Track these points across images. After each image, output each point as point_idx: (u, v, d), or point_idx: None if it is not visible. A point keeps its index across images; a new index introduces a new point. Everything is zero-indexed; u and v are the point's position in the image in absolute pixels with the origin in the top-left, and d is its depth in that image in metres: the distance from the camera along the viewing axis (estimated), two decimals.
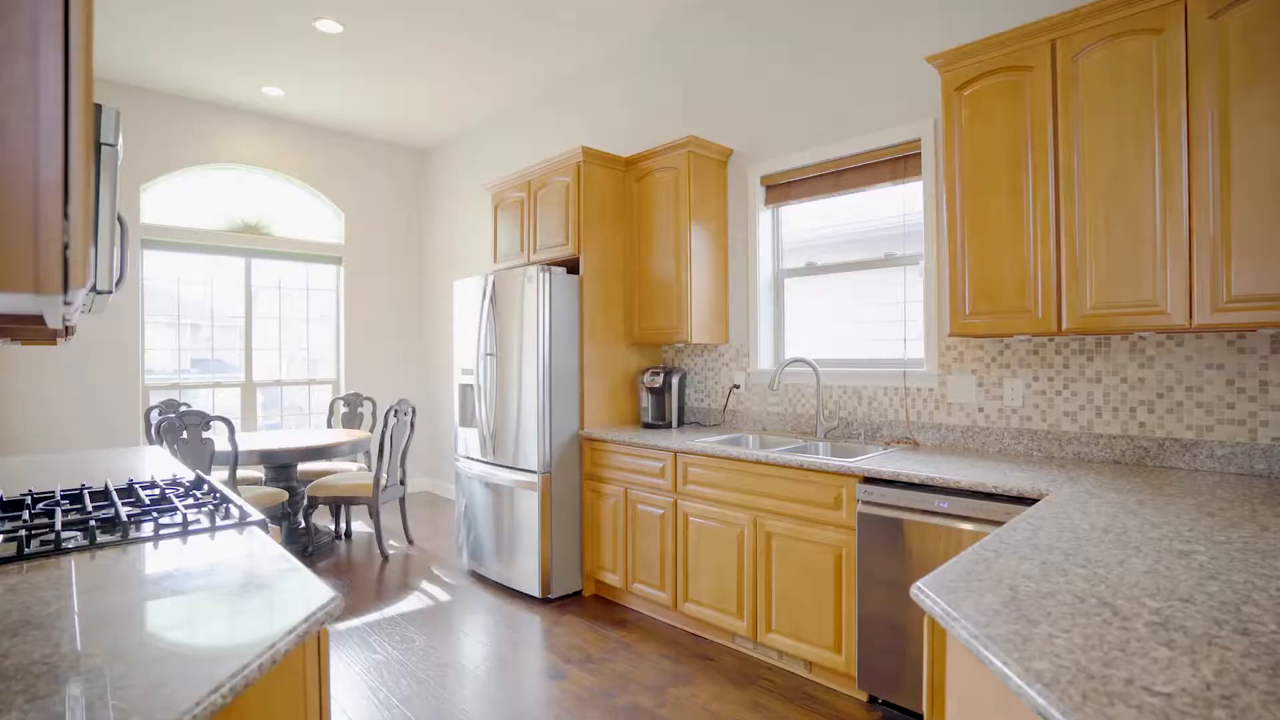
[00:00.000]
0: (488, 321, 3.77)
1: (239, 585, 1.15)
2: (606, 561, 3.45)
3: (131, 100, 4.88)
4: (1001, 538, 1.34)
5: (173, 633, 0.95)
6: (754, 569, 2.73)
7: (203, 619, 1.00)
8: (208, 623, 0.99)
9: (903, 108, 2.92)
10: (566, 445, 3.55)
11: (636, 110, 4.23)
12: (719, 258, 3.64)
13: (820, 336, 3.39)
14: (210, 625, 0.98)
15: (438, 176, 6.24)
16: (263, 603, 1.06)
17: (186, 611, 1.03)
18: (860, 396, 3.07)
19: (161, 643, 0.92)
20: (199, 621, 0.99)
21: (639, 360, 3.88)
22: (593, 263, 3.66)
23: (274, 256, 5.57)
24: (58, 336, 1.99)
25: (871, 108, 3.04)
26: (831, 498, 2.44)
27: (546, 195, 3.83)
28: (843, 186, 3.22)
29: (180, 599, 1.09)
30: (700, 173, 3.53)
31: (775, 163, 3.46)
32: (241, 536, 1.49)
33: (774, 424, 3.43)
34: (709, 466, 2.91)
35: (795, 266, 3.52)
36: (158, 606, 1.06)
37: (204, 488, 1.96)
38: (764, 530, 2.68)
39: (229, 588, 1.14)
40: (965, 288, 2.37)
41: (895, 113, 2.95)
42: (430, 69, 4.60)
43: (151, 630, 0.96)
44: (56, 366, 4.61)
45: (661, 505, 3.14)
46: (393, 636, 3.07)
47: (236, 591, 1.12)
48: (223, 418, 3.60)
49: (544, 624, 3.21)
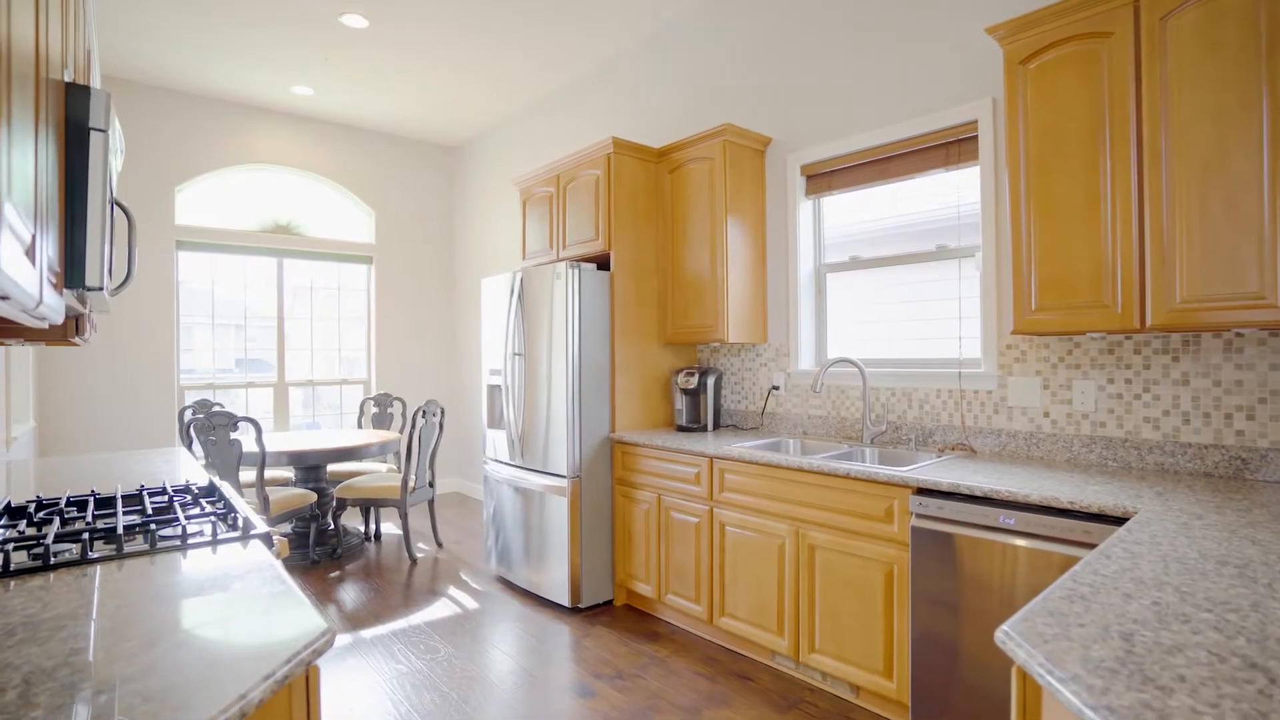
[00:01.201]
0: (515, 320, 3.66)
1: (221, 615, 1.02)
2: (639, 571, 3.30)
3: (164, 103, 4.90)
4: (1095, 567, 1.15)
5: (135, 676, 0.83)
6: (796, 584, 2.55)
7: (173, 657, 0.88)
8: (178, 662, 0.86)
9: (956, 88, 2.71)
10: (597, 449, 3.41)
11: (670, 101, 4.07)
12: (757, 252, 3.46)
13: (865, 335, 3.19)
14: (181, 665, 0.85)
15: (468, 174, 6.17)
16: (245, 636, 0.94)
17: (156, 647, 0.91)
18: (910, 399, 2.86)
19: (121, 690, 0.79)
20: (167, 661, 0.87)
21: (673, 360, 3.72)
22: (624, 258, 3.51)
23: (306, 256, 5.56)
24: (70, 337, 1.92)
25: (921, 89, 2.82)
26: (882, 510, 2.25)
27: (576, 189, 3.70)
28: (889, 174, 3.01)
29: (154, 630, 0.97)
30: (737, 163, 3.35)
31: (816, 151, 3.26)
32: (245, 550, 1.38)
33: (816, 428, 3.24)
34: (747, 473, 2.74)
35: (838, 261, 3.32)
36: (128, 637, 0.94)
37: (215, 495, 1.87)
38: (806, 542, 2.50)
39: (210, 617, 1.01)
40: (1031, 281, 2.16)
41: (948, 93, 2.73)
42: (457, 64, 4.51)
43: (114, 671, 0.84)
44: (97, 367, 4.65)
45: (696, 513, 2.97)
46: (417, 646, 2.97)
47: (218, 621, 0.99)
48: (250, 419, 3.56)
49: (573, 635, 3.08)
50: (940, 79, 2.76)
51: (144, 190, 4.83)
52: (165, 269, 4.91)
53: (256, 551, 1.37)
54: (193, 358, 5.11)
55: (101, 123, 1.31)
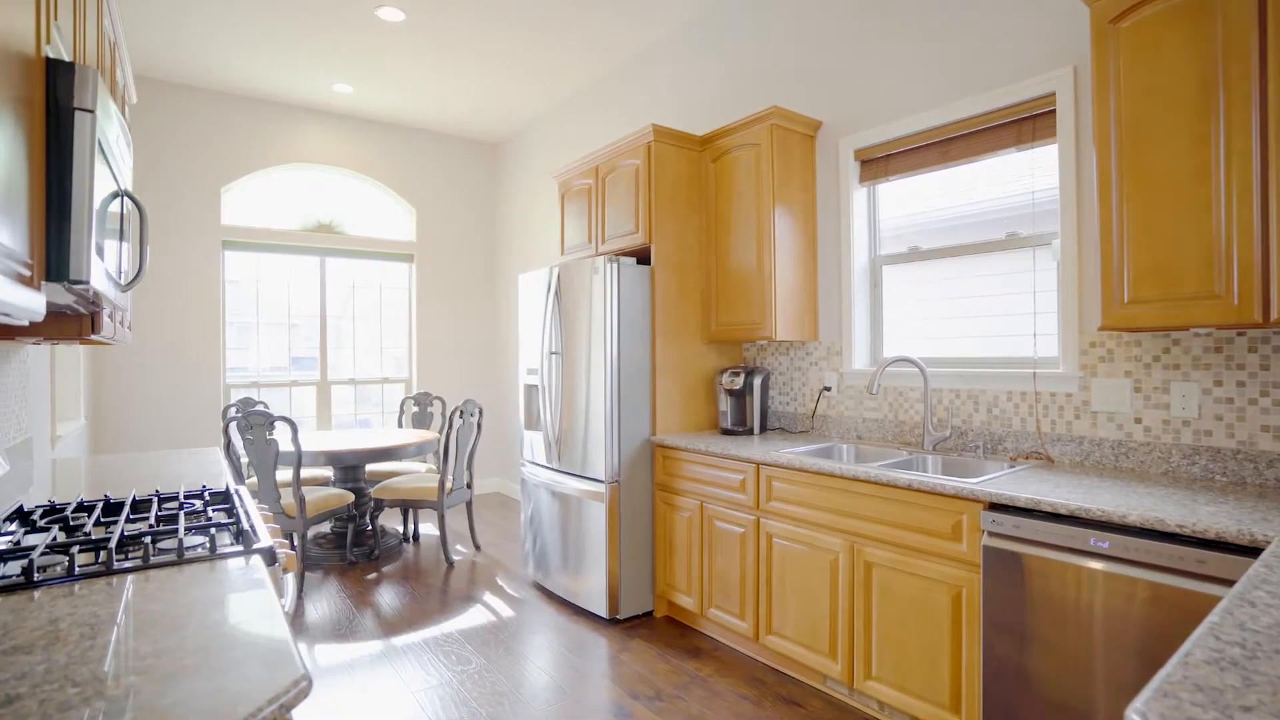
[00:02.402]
0: (552, 317, 3.52)
1: (179, 663, 0.89)
2: (680, 582, 3.12)
3: (210, 104, 4.95)
4: (1239, 619, 0.92)
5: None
6: (850, 603, 2.33)
7: (115, 711, 0.75)
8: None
9: (1029, 58, 2.44)
10: (637, 452, 3.25)
11: (713, 88, 3.87)
12: (806, 244, 3.24)
13: (925, 332, 2.94)
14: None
15: (509, 171, 6.09)
16: (202, 691, 0.80)
17: (90, 706, 0.78)
18: (977, 402, 2.61)
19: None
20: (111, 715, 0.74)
21: (716, 359, 3.53)
22: (665, 252, 3.33)
23: (347, 255, 5.57)
24: (86, 335, 1.86)
25: (988, 61, 2.56)
26: (948, 525, 2.02)
27: (615, 180, 3.54)
28: (952, 157, 2.76)
29: (109, 668, 0.84)
30: (785, 148, 3.14)
31: (871, 134, 3.02)
32: (243, 567, 1.27)
33: (871, 432, 3.00)
34: (797, 481, 2.53)
35: (895, 252, 3.08)
36: (82, 677, 0.82)
37: (227, 502, 1.78)
38: (862, 559, 2.28)
39: (169, 662, 0.88)
40: (1124, 270, 1.90)
41: (1019, 65, 2.47)
42: (494, 55, 4.41)
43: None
44: (146, 365, 4.72)
45: (741, 523, 2.78)
46: (449, 656, 2.86)
47: (174, 674, 0.86)
48: (286, 418, 3.52)
49: (610, 649, 2.92)
50: (1010, 49, 2.49)
51: (191, 191, 4.89)
52: (212, 269, 4.96)
53: (253, 570, 1.25)
54: (239, 356, 5.16)
55: (88, 102, 1.21)
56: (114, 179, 1.52)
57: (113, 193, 1.60)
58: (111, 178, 1.51)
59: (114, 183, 1.55)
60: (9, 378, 2.41)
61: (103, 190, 1.43)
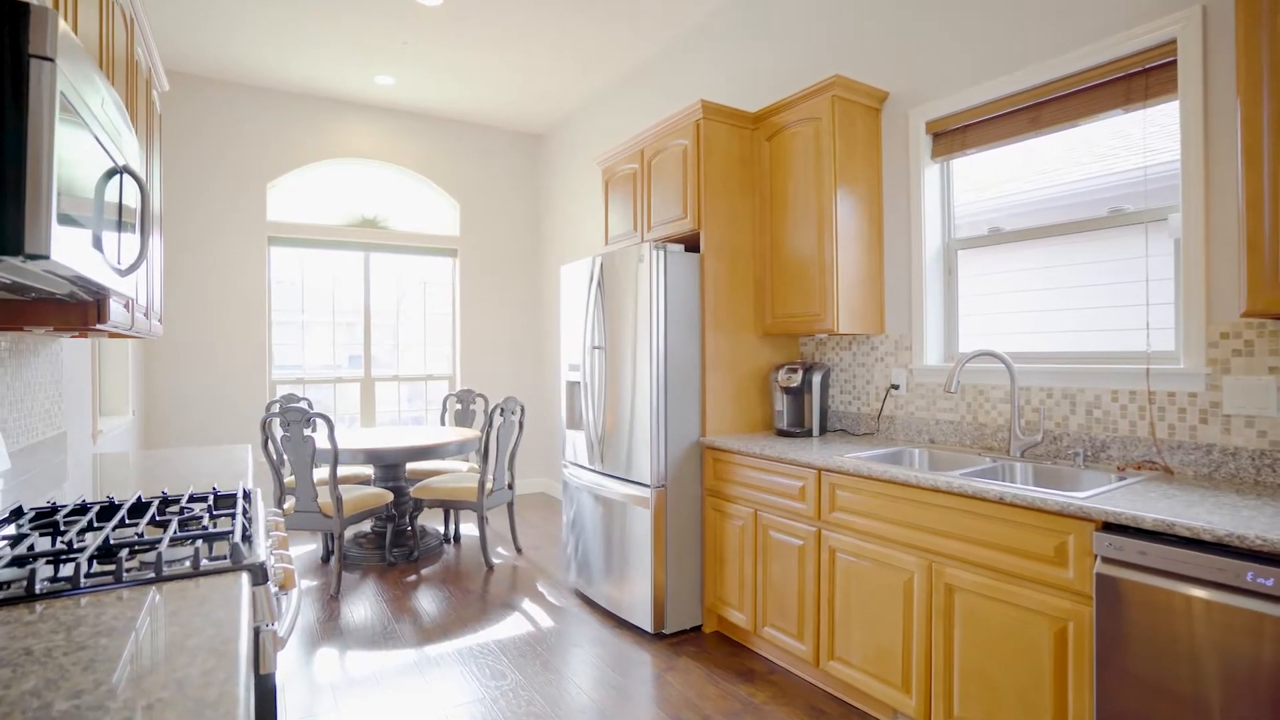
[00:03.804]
0: (595, 310, 3.32)
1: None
2: (731, 596, 2.88)
3: (254, 100, 4.94)
4: None
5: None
6: (927, 631, 2.05)
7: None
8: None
9: (1141, 1, 2.10)
10: (685, 454, 3.01)
11: (766, 64, 3.60)
12: (871, 228, 2.94)
13: (1008, 325, 2.61)
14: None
15: (552, 163, 5.93)
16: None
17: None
18: (1074, 403, 2.28)
19: None
20: None
21: (771, 354, 3.26)
22: (715, 238, 3.09)
23: (391, 250, 5.50)
24: (92, 324, 1.74)
25: (1089, 10, 2.23)
26: (1050, 547, 1.72)
27: (661, 163, 3.31)
28: (1043, 124, 2.42)
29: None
30: (848, 122, 2.85)
31: (945, 103, 2.71)
32: (224, 587, 1.09)
33: (946, 435, 2.69)
34: (864, 490, 2.25)
35: (973, 235, 2.75)
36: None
37: (233, 507, 1.63)
38: (942, 581, 1.99)
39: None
40: (1276, 246, 1.56)
41: (1128, 10, 2.13)
42: (537, 41, 4.23)
43: None
44: (193, 361, 4.74)
45: (800, 535, 2.52)
46: (484, 670, 2.68)
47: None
48: (322, 415, 3.42)
49: (655, 668, 2.70)
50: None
51: (237, 187, 4.89)
52: (258, 265, 4.95)
53: (236, 590, 1.07)
54: (285, 353, 5.15)
55: (46, 49, 1.05)
56: (104, 152, 1.38)
57: (109, 170, 1.46)
58: (101, 150, 1.36)
59: (106, 157, 1.40)
60: (38, 372, 2.35)
61: (89, 163, 1.28)
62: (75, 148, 1.19)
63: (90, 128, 1.26)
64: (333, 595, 3.47)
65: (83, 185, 1.24)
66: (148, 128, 2.41)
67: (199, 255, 4.78)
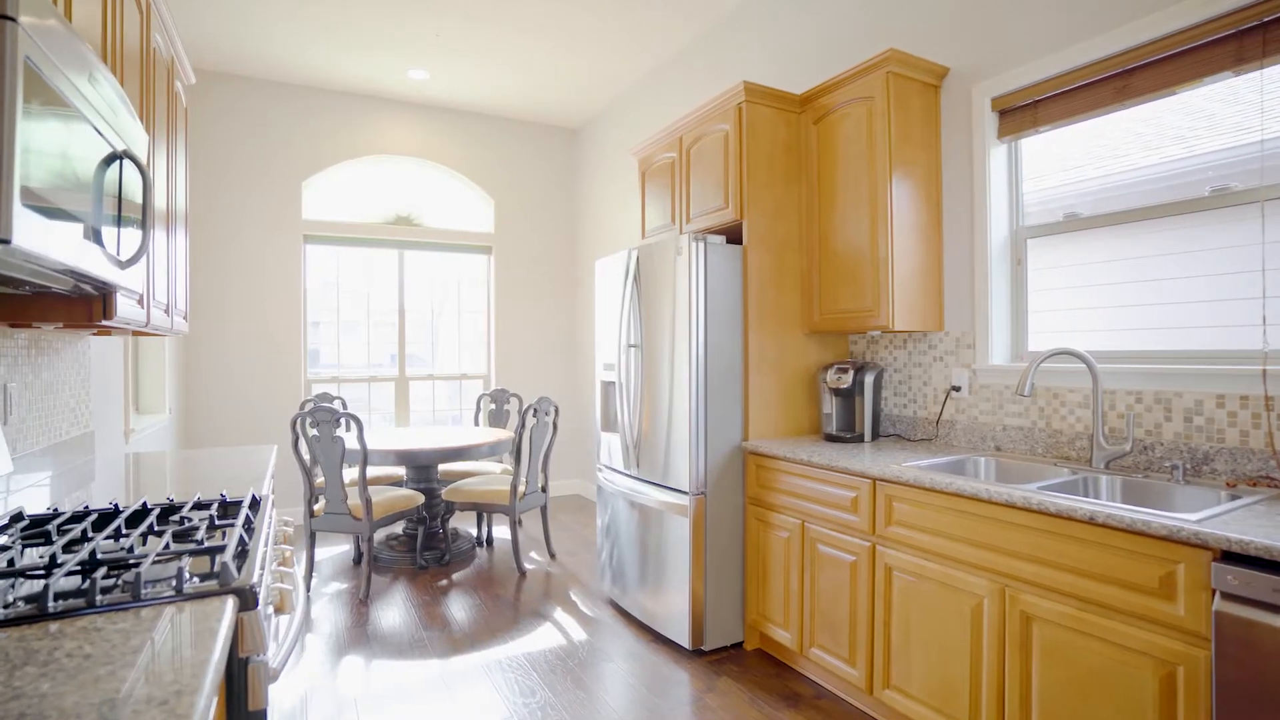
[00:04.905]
0: (630, 306, 3.15)
1: None
2: (775, 613, 2.68)
3: (290, 99, 4.92)
4: None
5: None
6: (999, 663, 1.82)
7: None
8: None
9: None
10: (726, 460, 2.82)
11: (812, 47, 3.38)
12: (929, 216, 2.71)
13: (1086, 320, 2.35)
14: None
15: (588, 158, 5.78)
16: None
17: None
18: (1171, 408, 2.01)
19: None
20: None
21: (819, 353, 3.05)
22: (759, 229, 2.89)
23: (426, 248, 5.43)
24: (97, 320, 1.65)
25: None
26: (1154, 578, 1.48)
27: (701, 151, 3.12)
28: (1133, 93, 2.16)
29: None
30: (903, 101, 2.62)
31: (1013, 76, 2.46)
32: (207, 615, 0.96)
33: (1014, 442, 2.44)
34: (925, 503, 2.03)
35: (1045, 223, 2.50)
36: None
37: (234, 517, 1.51)
38: (1018, 608, 1.77)
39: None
40: None
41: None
42: (571, 29, 4.08)
43: None
44: (230, 359, 4.74)
45: (853, 550, 2.30)
46: (513, 686, 2.54)
47: None
48: (351, 415, 3.33)
49: (693, 689, 2.52)
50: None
51: (274, 185, 4.87)
52: (293, 263, 4.93)
53: (216, 621, 0.93)
54: (320, 352, 5.12)
55: (6, 6, 0.94)
56: (99, 135, 1.27)
57: (108, 155, 1.35)
58: (94, 134, 1.25)
59: (101, 141, 1.30)
60: (62, 371, 2.29)
61: (77, 146, 1.17)
62: (56, 128, 1.07)
63: (75, 105, 1.15)
64: (362, 599, 3.39)
65: (67, 169, 1.13)
66: (169, 119, 2.34)
67: (236, 254, 4.78)
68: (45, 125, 1.03)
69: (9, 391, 1.81)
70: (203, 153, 4.67)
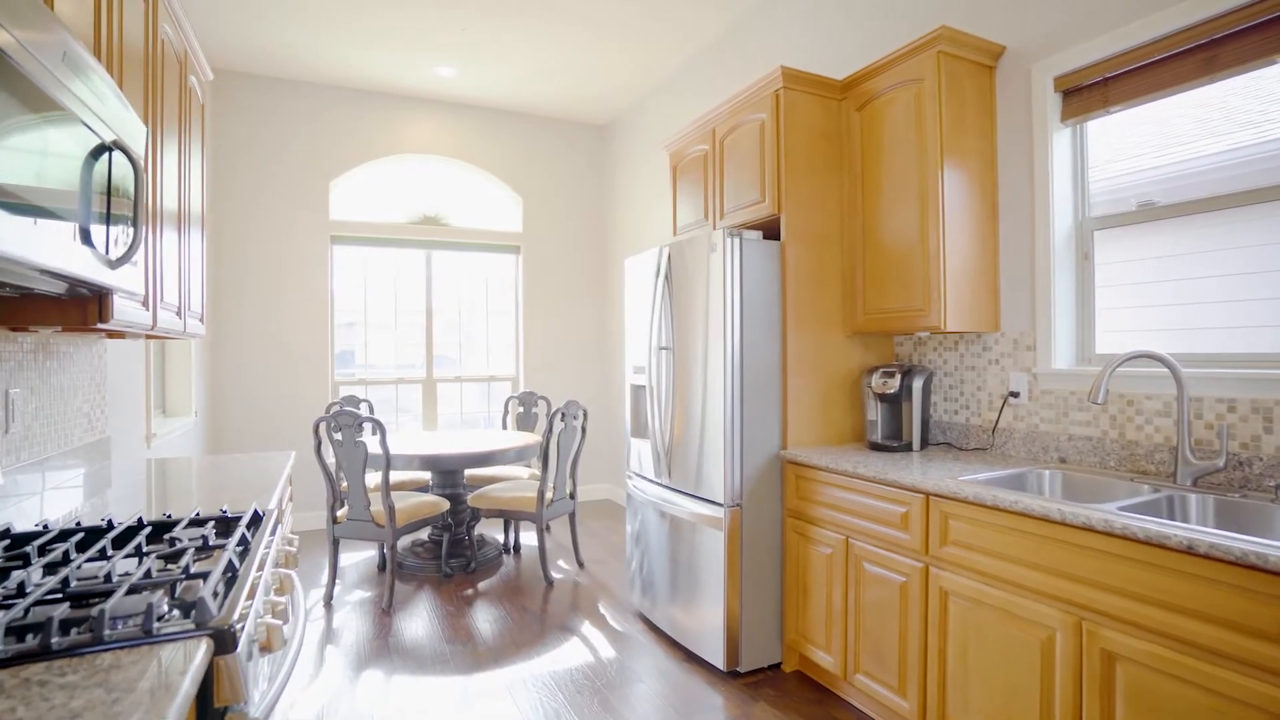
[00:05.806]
0: (662, 306, 2.99)
1: None
2: (816, 634, 2.50)
3: (317, 98, 4.87)
4: None
5: None
6: (1075, 705, 1.62)
7: None
8: None
9: None
10: (763, 469, 2.65)
11: (854, 31, 3.18)
12: (984, 208, 2.50)
13: (1163, 318, 2.13)
14: None
15: (618, 155, 5.64)
16: None
17: None
18: (1272, 418, 1.79)
19: None
20: None
21: (863, 355, 2.86)
22: (798, 223, 2.71)
23: (453, 247, 5.35)
24: (92, 323, 1.55)
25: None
26: (1271, 621, 1.27)
27: (735, 142, 2.96)
28: (1219, 67, 1.93)
29: None
30: (955, 83, 2.42)
31: (1081, 52, 2.24)
32: (174, 665, 0.84)
33: (1081, 454, 2.23)
34: (986, 522, 1.84)
35: (1114, 213, 2.28)
36: None
37: (229, 536, 1.40)
38: (1097, 645, 1.57)
39: None
40: None
41: None
42: (598, 24, 3.94)
43: None
44: (257, 361, 4.71)
45: (903, 570, 2.12)
46: (535, 707, 2.41)
47: None
48: (374, 419, 3.24)
49: (728, 713, 2.35)
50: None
51: (301, 186, 4.84)
52: (321, 264, 4.89)
53: (180, 676, 0.81)
54: (347, 354, 5.08)
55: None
56: (83, 125, 1.16)
57: (96, 146, 1.25)
58: (79, 123, 1.15)
59: (88, 131, 1.19)
60: (74, 375, 2.23)
61: (58, 137, 1.07)
62: (30, 120, 0.96)
63: (52, 94, 1.04)
64: (385, 609, 3.30)
65: (47, 162, 1.02)
66: (182, 114, 2.26)
67: (263, 255, 4.75)
68: (17, 117, 0.92)
69: (10, 398, 1.73)
70: (227, 153, 4.66)
